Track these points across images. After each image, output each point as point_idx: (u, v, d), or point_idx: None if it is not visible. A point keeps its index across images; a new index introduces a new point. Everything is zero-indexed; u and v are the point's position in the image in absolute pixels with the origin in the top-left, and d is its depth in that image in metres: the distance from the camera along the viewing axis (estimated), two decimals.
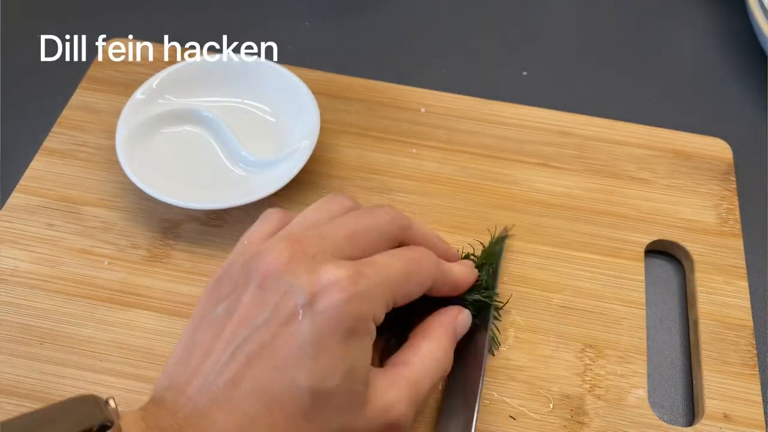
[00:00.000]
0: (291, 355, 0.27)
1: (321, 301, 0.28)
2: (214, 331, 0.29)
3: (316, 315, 0.28)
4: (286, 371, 0.27)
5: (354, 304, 0.28)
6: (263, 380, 0.27)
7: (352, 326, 0.28)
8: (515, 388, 0.38)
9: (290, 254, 0.29)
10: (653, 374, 0.40)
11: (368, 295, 0.29)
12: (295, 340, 0.27)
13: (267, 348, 0.28)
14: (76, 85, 0.49)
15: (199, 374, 0.28)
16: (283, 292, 0.28)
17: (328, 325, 0.28)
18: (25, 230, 0.42)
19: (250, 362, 0.28)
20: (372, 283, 0.29)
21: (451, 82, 0.53)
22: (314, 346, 0.27)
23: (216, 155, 0.45)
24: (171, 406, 0.28)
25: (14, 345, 0.38)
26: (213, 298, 0.30)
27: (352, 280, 0.28)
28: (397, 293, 0.31)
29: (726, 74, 0.55)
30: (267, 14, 0.57)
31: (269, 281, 0.29)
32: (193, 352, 0.29)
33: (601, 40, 0.57)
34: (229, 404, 0.27)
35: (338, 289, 0.28)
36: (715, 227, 0.44)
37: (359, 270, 0.29)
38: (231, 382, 0.27)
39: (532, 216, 0.44)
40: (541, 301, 0.41)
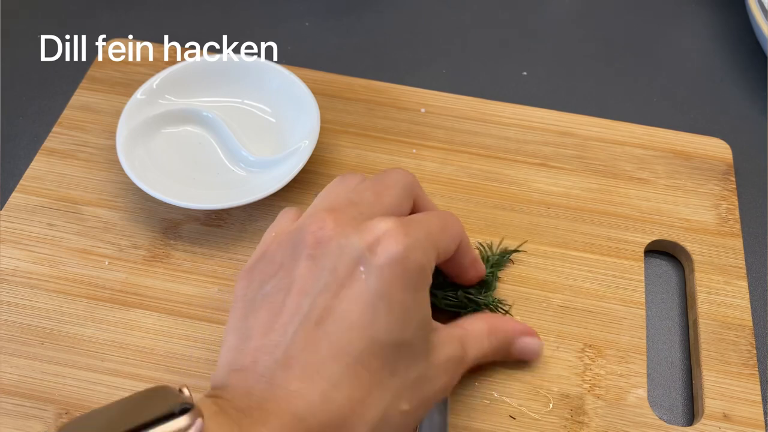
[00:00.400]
0: (364, 312, 0.27)
1: (380, 253, 0.27)
2: (270, 308, 0.28)
3: (379, 268, 0.27)
4: (363, 329, 0.27)
5: (413, 253, 0.28)
6: (341, 342, 0.27)
7: (415, 275, 0.28)
8: (515, 388, 0.38)
9: (333, 220, 0.29)
10: (653, 374, 0.40)
11: (420, 244, 0.29)
12: (364, 296, 0.27)
13: (335, 310, 0.27)
14: (76, 85, 0.49)
15: (265, 350, 0.27)
16: (338, 254, 0.28)
17: (393, 276, 0.27)
18: (25, 230, 0.42)
19: (321, 326, 0.27)
20: (421, 232, 0.29)
21: (451, 82, 0.53)
22: (386, 300, 0.27)
23: (216, 155, 0.45)
24: (241, 388, 0.27)
25: (15, 345, 0.38)
26: (254, 282, 0.30)
27: (404, 230, 0.28)
28: (440, 245, 0.31)
29: (726, 74, 0.55)
30: (267, 14, 0.57)
31: (319, 249, 0.28)
32: (251, 334, 0.28)
33: (601, 40, 0.57)
34: (307, 372, 0.27)
35: (394, 241, 0.28)
36: (715, 227, 0.44)
37: (404, 222, 0.29)
38: (305, 351, 0.27)
39: (531, 216, 0.44)
40: (541, 301, 0.41)
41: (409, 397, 0.29)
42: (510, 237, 0.43)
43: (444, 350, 0.31)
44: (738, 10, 0.59)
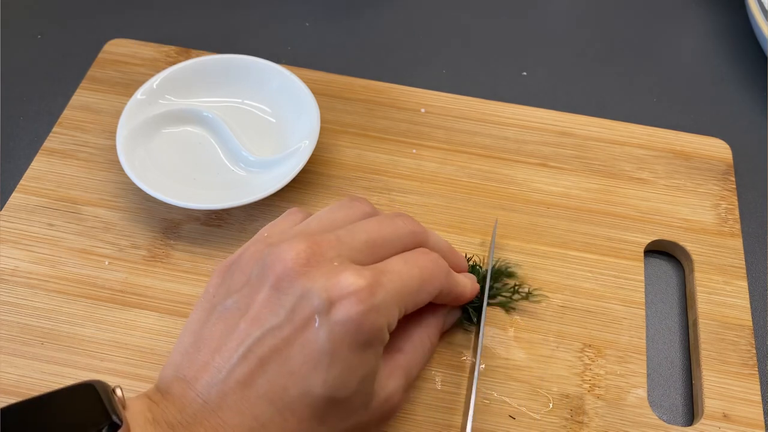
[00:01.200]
0: (306, 363, 0.27)
1: (338, 310, 0.27)
2: (225, 326, 0.29)
3: (333, 325, 0.27)
4: (301, 378, 0.27)
5: (371, 316, 0.28)
6: (277, 385, 0.27)
7: (369, 338, 0.28)
8: (515, 388, 0.38)
9: (308, 256, 0.28)
10: (653, 374, 0.40)
11: (385, 306, 0.28)
12: (310, 347, 0.27)
13: (281, 352, 0.27)
14: (76, 85, 0.49)
15: (209, 370, 0.28)
16: (299, 296, 0.28)
17: (344, 335, 0.27)
18: (25, 230, 0.42)
19: (263, 365, 0.27)
20: (389, 294, 0.29)
21: (451, 82, 0.53)
22: (330, 356, 0.27)
23: (216, 155, 0.45)
24: (178, 400, 0.28)
25: (15, 345, 0.38)
26: (223, 288, 0.30)
27: (371, 290, 0.28)
28: (410, 302, 0.31)
29: (726, 74, 0.55)
30: (267, 15, 0.57)
31: (285, 282, 0.28)
32: (202, 345, 0.29)
33: (600, 40, 0.57)
34: (240, 406, 0.27)
35: (357, 300, 0.27)
36: (715, 227, 0.44)
37: (377, 279, 0.29)
38: (243, 384, 0.27)
39: (531, 216, 0.44)
40: (540, 301, 0.41)
41: None
42: (510, 237, 0.43)
43: (384, 391, 0.31)
44: (738, 10, 0.59)
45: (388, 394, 0.31)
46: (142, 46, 0.52)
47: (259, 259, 0.30)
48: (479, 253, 0.43)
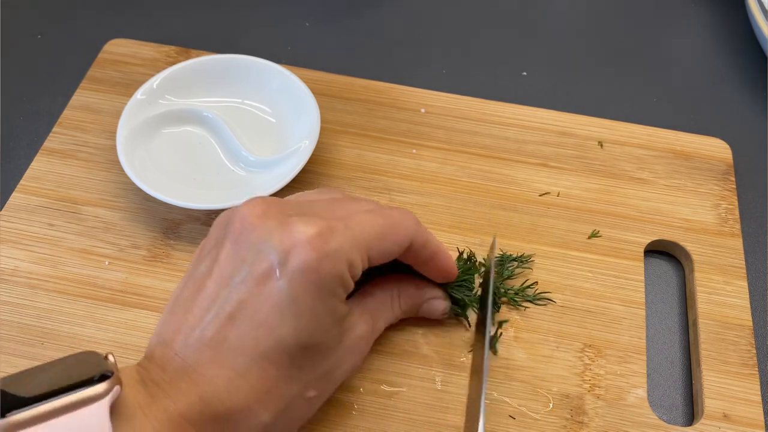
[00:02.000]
0: (273, 314, 0.28)
1: (293, 259, 0.28)
2: (195, 288, 0.30)
3: (291, 273, 0.28)
4: (271, 329, 0.28)
5: (328, 262, 0.29)
6: (249, 338, 0.28)
7: (329, 283, 0.29)
8: (515, 388, 0.38)
9: (263, 209, 0.29)
10: (653, 374, 0.40)
11: (341, 251, 0.29)
12: (274, 298, 0.28)
13: (248, 306, 0.28)
14: (76, 85, 0.49)
15: (182, 330, 0.29)
16: (257, 249, 0.29)
17: (304, 283, 0.28)
18: (25, 230, 0.42)
19: (233, 320, 0.28)
20: (344, 239, 0.29)
21: (451, 82, 0.53)
22: (295, 305, 0.28)
23: (216, 155, 0.45)
24: (160, 361, 0.29)
25: (15, 345, 0.38)
26: (198, 258, 0.31)
27: (323, 237, 0.29)
28: (373, 249, 0.31)
29: (726, 74, 0.55)
30: (267, 15, 0.57)
31: (242, 236, 0.29)
32: (177, 309, 0.30)
33: (600, 41, 0.57)
34: (216, 360, 0.28)
35: (310, 248, 0.28)
36: (715, 227, 0.44)
37: (330, 226, 0.29)
38: (216, 339, 0.28)
39: (531, 216, 0.44)
40: (540, 301, 0.41)
41: (316, 385, 0.31)
42: (510, 237, 0.43)
43: (355, 332, 0.32)
44: (738, 10, 0.59)
45: (358, 337, 0.32)
46: (142, 46, 0.52)
47: (224, 222, 0.31)
48: (480, 253, 0.42)
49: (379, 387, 0.37)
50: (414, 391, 0.37)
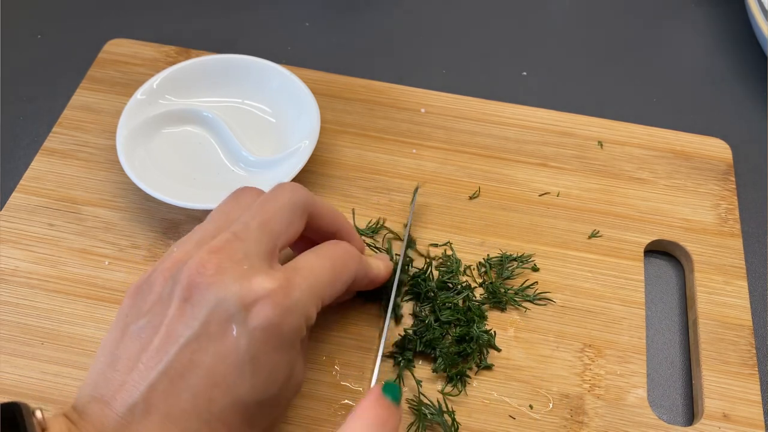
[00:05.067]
0: (230, 372, 0.27)
1: (255, 316, 0.27)
2: (139, 344, 0.28)
3: (252, 331, 0.27)
4: (227, 388, 0.27)
5: (289, 317, 0.28)
6: (202, 398, 0.27)
7: (288, 338, 0.28)
8: (515, 388, 0.38)
9: (216, 265, 0.28)
10: (653, 374, 0.40)
11: (301, 304, 0.29)
12: (232, 356, 0.27)
13: (202, 364, 0.27)
14: (76, 85, 0.49)
15: (126, 389, 0.27)
16: (213, 305, 0.27)
17: (265, 340, 0.27)
18: (25, 230, 0.42)
19: (185, 378, 0.27)
20: (303, 292, 0.29)
21: (451, 82, 0.53)
22: (254, 363, 0.27)
23: (216, 155, 0.45)
24: (97, 421, 0.27)
25: (15, 345, 0.38)
26: (135, 308, 0.30)
27: (284, 292, 0.28)
28: (326, 294, 0.31)
29: (726, 74, 0.55)
30: (267, 14, 0.57)
31: (196, 294, 0.28)
32: (118, 364, 0.28)
33: (600, 41, 0.57)
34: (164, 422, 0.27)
35: (272, 303, 0.28)
36: (715, 227, 0.44)
37: (289, 279, 0.29)
38: (165, 399, 0.27)
39: (531, 216, 0.44)
40: (540, 301, 0.41)
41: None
42: (510, 237, 0.43)
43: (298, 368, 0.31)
44: (738, 10, 0.59)
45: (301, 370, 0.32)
46: (142, 46, 0.52)
47: (168, 276, 0.29)
48: (480, 252, 0.43)
49: None
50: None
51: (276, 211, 0.32)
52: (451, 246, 0.43)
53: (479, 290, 0.41)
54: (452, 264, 0.41)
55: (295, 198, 0.32)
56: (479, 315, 0.39)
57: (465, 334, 0.38)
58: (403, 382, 0.37)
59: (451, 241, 0.43)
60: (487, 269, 0.41)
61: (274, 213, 0.31)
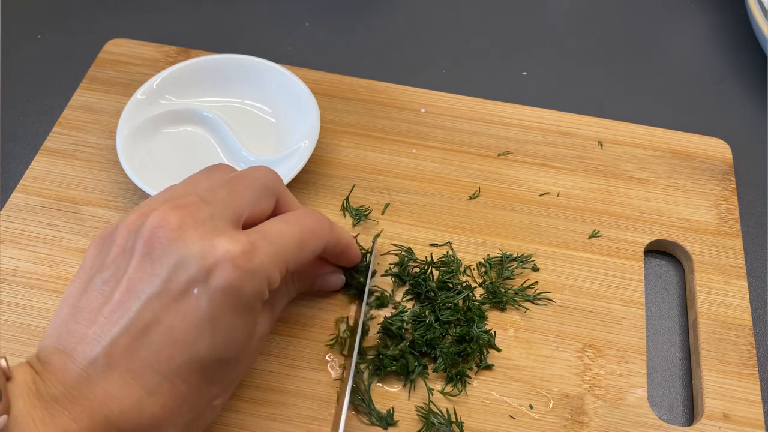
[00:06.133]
0: (189, 331, 0.27)
1: (216, 277, 0.27)
2: (101, 297, 0.28)
3: (212, 292, 0.27)
4: (186, 346, 0.27)
5: (250, 281, 0.28)
6: (162, 354, 0.27)
7: (249, 300, 0.29)
8: (515, 388, 0.38)
9: (178, 219, 0.28)
10: (653, 374, 0.40)
11: (263, 268, 0.29)
12: (192, 315, 0.27)
13: (161, 322, 0.27)
14: (76, 85, 0.49)
15: (87, 342, 0.27)
16: (175, 263, 0.27)
17: (225, 301, 0.28)
18: (25, 230, 0.42)
19: (145, 335, 0.27)
20: (266, 256, 0.29)
21: (451, 82, 0.53)
22: (213, 322, 0.28)
23: (216, 155, 0.45)
24: (59, 372, 0.27)
25: (15, 345, 0.38)
26: (98, 260, 0.30)
27: (246, 256, 0.28)
28: (292, 260, 0.31)
29: (726, 74, 0.55)
30: (267, 14, 0.57)
31: (157, 249, 0.28)
32: (79, 316, 0.28)
33: (601, 41, 0.57)
34: (125, 377, 0.27)
35: (233, 266, 0.28)
36: (715, 227, 0.44)
37: (253, 242, 0.29)
38: (126, 354, 0.27)
39: (532, 216, 0.44)
40: (540, 301, 0.41)
41: (223, 393, 0.31)
42: (510, 237, 0.43)
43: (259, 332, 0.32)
44: (738, 10, 0.59)
45: (261, 334, 0.32)
46: (142, 46, 0.52)
47: (132, 230, 0.29)
48: (480, 252, 0.43)
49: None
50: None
51: (245, 185, 0.32)
52: (451, 246, 0.43)
53: (479, 290, 0.41)
54: (452, 264, 0.41)
55: (265, 178, 0.33)
56: (479, 315, 0.39)
57: (465, 334, 0.38)
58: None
59: (451, 241, 0.43)
60: (487, 269, 0.42)
61: (244, 187, 0.32)
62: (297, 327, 0.39)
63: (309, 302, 0.40)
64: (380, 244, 0.43)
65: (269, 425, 0.36)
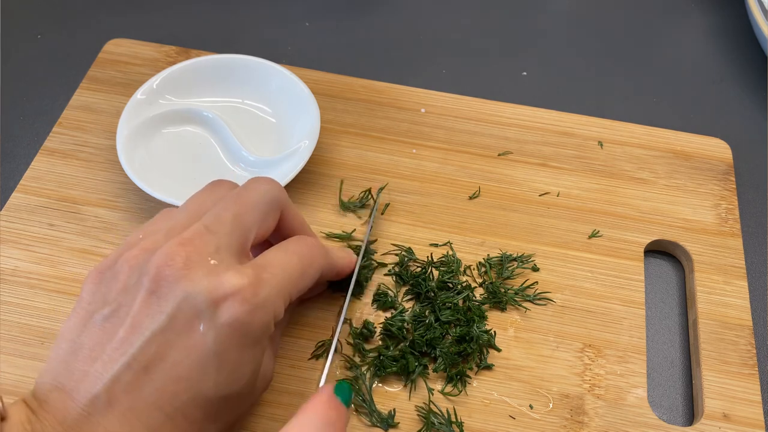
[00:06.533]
0: (195, 368, 0.27)
1: (223, 312, 0.27)
2: (103, 333, 0.27)
3: (219, 327, 0.27)
4: (191, 383, 0.27)
5: (258, 314, 0.28)
6: (166, 392, 0.27)
7: (255, 335, 0.28)
8: (515, 388, 0.38)
9: (185, 258, 0.28)
10: (653, 374, 0.40)
11: (270, 301, 0.28)
12: (198, 351, 0.27)
13: (166, 358, 0.27)
14: (76, 85, 0.49)
15: (88, 379, 0.27)
16: (181, 299, 0.27)
17: (232, 337, 0.27)
18: (25, 230, 0.42)
19: (148, 372, 0.27)
20: (272, 288, 0.29)
21: (451, 82, 0.53)
22: (219, 359, 0.27)
23: (216, 155, 0.45)
24: (58, 411, 0.26)
25: (15, 345, 0.38)
26: (99, 295, 0.29)
27: (254, 290, 0.28)
28: (293, 290, 0.31)
29: (726, 74, 0.55)
30: (267, 14, 0.57)
31: (163, 287, 0.27)
32: (80, 353, 0.27)
33: (601, 40, 0.57)
34: (126, 415, 0.26)
35: (241, 300, 0.27)
36: (715, 227, 0.44)
37: (259, 276, 0.28)
38: (128, 392, 0.26)
39: (532, 216, 0.44)
40: (540, 301, 0.41)
41: (225, 429, 0.30)
42: (510, 237, 0.43)
43: (265, 369, 0.31)
44: (738, 10, 0.59)
45: (266, 372, 0.32)
46: (142, 46, 0.52)
47: (135, 265, 0.29)
48: (480, 252, 0.43)
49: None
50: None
51: (251, 204, 0.31)
52: (451, 246, 0.43)
53: (479, 290, 0.41)
54: (452, 264, 0.41)
55: (271, 193, 0.32)
56: (479, 315, 0.39)
57: (465, 334, 0.38)
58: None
59: (451, 241, 0.43)
60: (487, 269, 0.42)
61: (249, 206, 0.31)
62: (297, 327, 0.39)
63: (311, 303, 0.40)
64: (380, 243, 0.43)
65: (269, 425, 0.36)
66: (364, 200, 0.44)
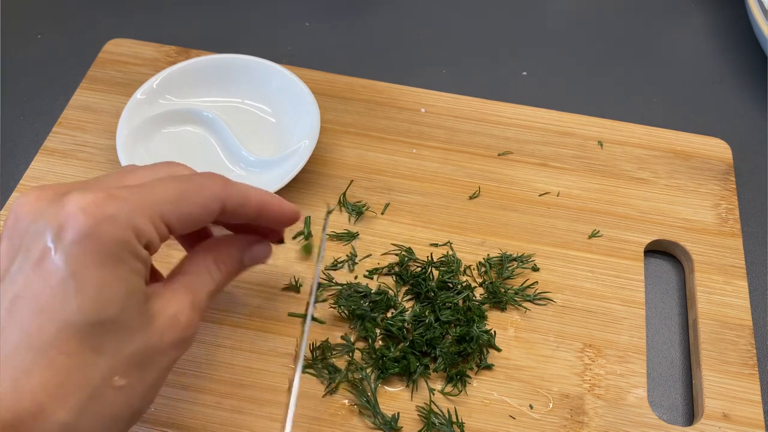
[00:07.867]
0: (54, 295, 0.26)
1: (69, 230, 0.26)
2: None
3: (67, 247, 0.26)
4: (54, 312, 0.26)
5: (107, 227, 0.26)
6: (31, 327, 0.25)
7: (112, 250, 0.27)
8: (515, 388, 0.38)
9: (36, 195, 0.27)
10: (653, 374, 0.40)
11: (122, 216, 0.27)
12: (53, 277, 0.26)
13: (26, 294, 0.26)
14: (76, 85, 0.49)
15: None
16: (30, 233, 0.26)
17: (84, 254, 0.26)
18: None
19: (12, 313, 0.26)
20: (126, 204, 0.27)
21: (451, 82, 0.53)
22: (75, 279, 0.26)
23: (216, 155, 0.45)
24: None
25: None
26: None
27: (99, 203, 0.26)
28: (168, 214, 0.29)
29: (726, 74, 0.55)
30: (267, 15, 0.57)
31: (16, 229, 0.27)
32: None
33: (601, 40, 0.57)
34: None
35: (85, 214, 0.26)
36: (715, 227, 0.44)
37: (110, 193, 0.27)
38: None
39: (532, 216, 0.44)
40: (540, 301, 0.41)
41: (126, 372, 0.28)
42: (510, 237, 0.43)
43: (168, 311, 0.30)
44: (738, 10, 0.59)
45: (172, 315, 0.29)
46: (142, 46, 0.52)
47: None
48: (480, 252, 0.43)
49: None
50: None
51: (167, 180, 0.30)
52: (451, 246, 0.43)
53: (479, 290, 0.41)
54: (452, 264, 0.41)
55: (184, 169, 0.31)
56: (479, 315, 0.39)
57: (465, 334, 0.38)
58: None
59: (451, 241, 0.43)
60: (487, 269, 0.42)
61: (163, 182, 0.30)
62: (297, 326, 0.39)
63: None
64: (380, 244, 0.43)
65: (269, 425, 0.36)
66: (363, 208, 0.44)
